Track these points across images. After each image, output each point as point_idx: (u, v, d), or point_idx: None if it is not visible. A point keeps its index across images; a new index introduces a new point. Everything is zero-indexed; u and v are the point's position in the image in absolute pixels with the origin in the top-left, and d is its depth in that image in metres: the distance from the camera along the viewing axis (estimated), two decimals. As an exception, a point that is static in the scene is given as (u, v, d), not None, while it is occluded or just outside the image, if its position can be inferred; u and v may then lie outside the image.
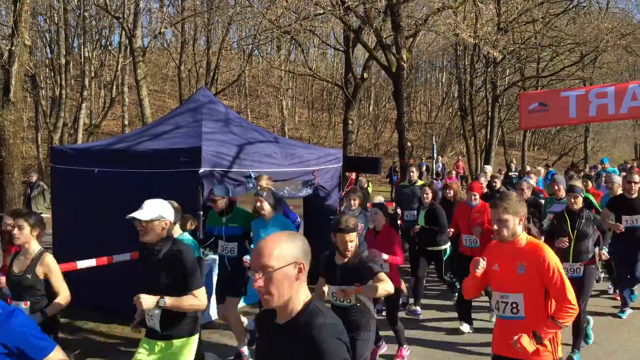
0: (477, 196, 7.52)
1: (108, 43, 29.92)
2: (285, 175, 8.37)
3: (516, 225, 3.74)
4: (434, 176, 21.68)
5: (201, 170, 7.16)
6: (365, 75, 21.18)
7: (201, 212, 7.22)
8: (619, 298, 8.36)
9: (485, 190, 9.86)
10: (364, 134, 36.85)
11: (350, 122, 20.87)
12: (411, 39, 14.45)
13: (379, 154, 33.47)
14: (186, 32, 30.21)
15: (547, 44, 24.10)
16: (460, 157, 30.46)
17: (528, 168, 17.74)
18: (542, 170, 16.27)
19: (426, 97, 46.17)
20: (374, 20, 13.62)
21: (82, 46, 27.20)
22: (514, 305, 3.71)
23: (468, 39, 15.40)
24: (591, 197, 8.39)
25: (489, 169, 12.32)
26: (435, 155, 24.94)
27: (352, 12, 14.73)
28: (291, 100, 39.50)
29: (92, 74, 27.91)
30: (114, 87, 28.06)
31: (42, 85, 28.37)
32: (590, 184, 10.22)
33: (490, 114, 26.24)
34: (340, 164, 9.65)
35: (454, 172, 21.38)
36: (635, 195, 7.71)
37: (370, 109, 40.51)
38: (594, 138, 37.95)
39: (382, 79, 37.83)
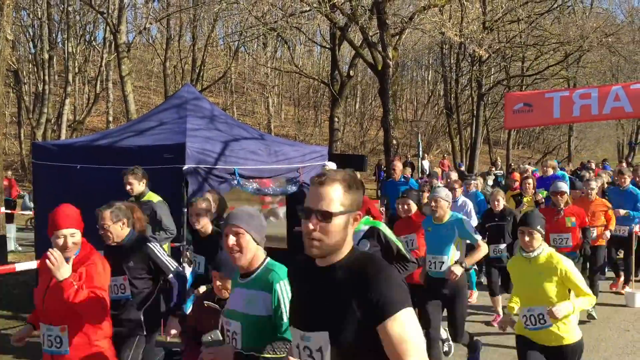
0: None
1: (92, 38, 29.63)
2: (270, 172, 8.34)
3: None
4: (420, 175, 21.75)
5: (185, 167, 7.10)
6: (351, 72, 21.21)
7: (185, 210, 7.17)
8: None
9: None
10: (350, 131, 36.89)
11: (336, 119, 20.90)
12: (397, 37, 14.50)
13: (365, 151, 33.52)
14: (171, 28, 30.05)
15: (531, 43, 24.29)
16: (445, 155, 30.62)
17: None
18: (530, 169, 16.39)
19: (412, 95, 46.30)
20: (360, 18, 13.65)
21: (66, 41, 26.93)
22: None
23: (454, 37, 15.49)
24: (380, 226, 4.66)
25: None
26: (421, 153, 25.03)
27: (338, 9, 14.74)
28: (277, 97, 39.41)
29: (76, 70, 27.63)
30: (98, 83, 27.83)
31: (25, 81, 28.07)
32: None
33: (475, 112, 26.40)
34: (326, 161, 9.64)
35: (438, 170, 21.45)
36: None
37: (357, 107, 40.56)
38: (577, 137, 38.34)
39: (368, 76, 37.86)
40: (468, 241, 5.67)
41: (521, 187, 9.63)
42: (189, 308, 5.71)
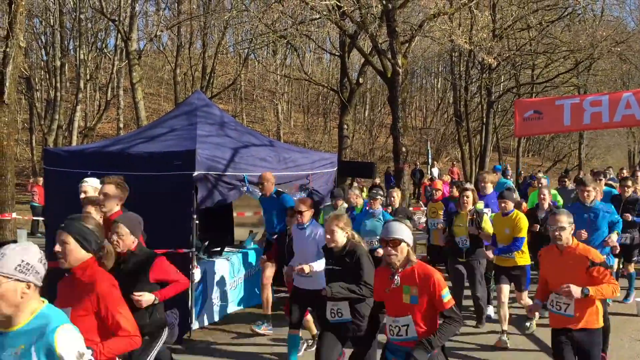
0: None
1: (104, 46, 29.88)
2: (279, 179, 8.35)
3: None
4: (429, 182, 21.70)
5: (195, 174, 7.13)
6: (360, 80, 21.22)
7: (195, 216, 7.20)
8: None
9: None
10: (359, 138, 36.88)
11: (345, 126, 20.90)
12: (406, 45, 14.50)
13: (374, 159, 33.48)
14: (182, 35, 30.22)
15: (541, 51, 24.24)
16: (454, 163, 30.54)
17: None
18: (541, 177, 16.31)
19: (421, 103, 46.25)
20: (369, 26, 13.68)
21: (78, 48, 27.15)
22: None
23: (463, 45, 15.48)
24: None
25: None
26: (430, 160, 25.00)
27: (348, 17, 14.78)
28: (287, 104, 39.50)
29: (88, 77, 27.84)
30: (109, 89, 28.02)
31: (37, 88, 28.31)
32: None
33: (485, 119, 26.33)
34: (335, 169, 9.65)
35: (447, 178, 21.39)
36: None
37: (366, 114, 40.57)
38: (588, 145, 38.10)
39: (377, 84, 37.86)
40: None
41: (459, 201, 7.47)
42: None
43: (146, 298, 4.18)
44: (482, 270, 7.32)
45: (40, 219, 14.12)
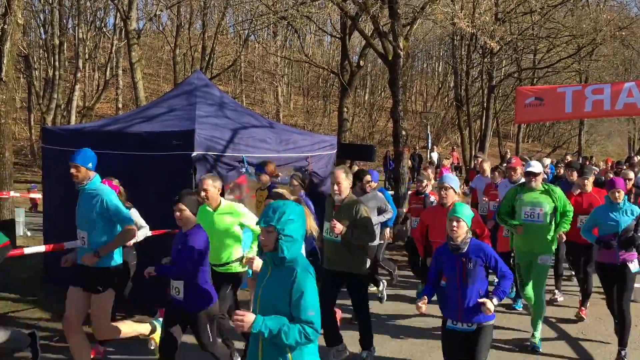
0: None
1: (103, 25, 29.63)
2: (278, 160, 8.32)
3: None
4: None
5: (194, 154, 7.11)
6: (361, 63, 21.07)
7: (193, 196, 7.17)
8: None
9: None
10: (359, 122, 36.77)
11: (345, 109, 20.79)
12: (408, 27, 14.35)
13: (374, 142, 33.40)
14: (182, 15, 29.97)
15: (544, 36, 24.05)
16: (454, 148, 30.48)
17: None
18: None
19: (422, 87, 46.07)
20: (371, 7, 13.52)
21: (77, 27, 26.94)
22: None
23: (465, 28, 15.32)
24: None
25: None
26: (430, 144, 24.92)
27: (349, -2, 14.63)
28: (286, 86, 39.32)
29: (86, 56, 27.67)
30: (108, 69, 27.86)
31: (36, 66, 28.11)
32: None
33: (485, 104, 26.21)
34: (335, 151, 9.61)
35: (447, 162, 21.37)
36: None
37: (366, 97, 40.41)
38: (588, 131, 38.02)
39: (378, 67, 37.67)
40: None
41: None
42: None
43: None
44: None
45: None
